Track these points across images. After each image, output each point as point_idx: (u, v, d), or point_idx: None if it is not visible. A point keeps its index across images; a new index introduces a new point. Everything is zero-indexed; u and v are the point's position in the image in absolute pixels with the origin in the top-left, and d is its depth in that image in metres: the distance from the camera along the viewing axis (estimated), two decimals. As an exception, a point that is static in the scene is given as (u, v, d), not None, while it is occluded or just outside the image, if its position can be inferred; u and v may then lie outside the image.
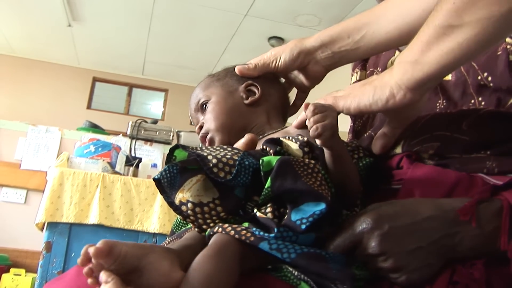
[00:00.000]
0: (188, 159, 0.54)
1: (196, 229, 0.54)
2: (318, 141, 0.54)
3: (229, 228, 0.48)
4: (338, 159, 0.55)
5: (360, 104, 0.57)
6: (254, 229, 0.48)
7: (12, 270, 2.70)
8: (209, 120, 0.74)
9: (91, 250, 0.42)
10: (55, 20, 4.57)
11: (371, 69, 0.85)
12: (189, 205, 0.52)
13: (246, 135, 0.65)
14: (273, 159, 0.51)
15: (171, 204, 0.54)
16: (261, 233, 0.47)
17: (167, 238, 0.70)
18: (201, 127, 0.76)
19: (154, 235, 2.23)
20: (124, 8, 4.24)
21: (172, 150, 0.56)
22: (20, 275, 2.65)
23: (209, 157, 0.52)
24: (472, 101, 0.63)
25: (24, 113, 4.84)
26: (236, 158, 0.52)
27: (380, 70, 0.82)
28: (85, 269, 0.43)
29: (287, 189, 0.49)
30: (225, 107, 0.74)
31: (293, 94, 0.84)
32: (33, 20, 4.64)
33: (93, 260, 0.42)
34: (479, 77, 0.63)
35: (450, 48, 0.50)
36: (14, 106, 5.39)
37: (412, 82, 0.53)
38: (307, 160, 0.54)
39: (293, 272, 0.48)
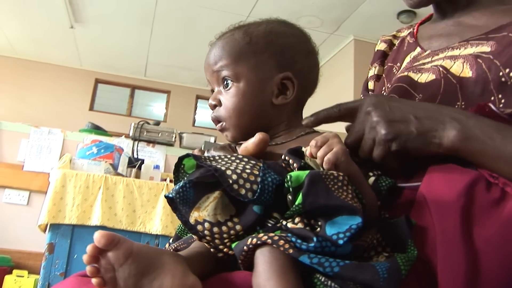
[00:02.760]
0: (204, 174, 0.50)
1: (212, 249, 0.50)
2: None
3: (265, 237, 0.46)
4: (355, 183, 0.53)
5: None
6: (289, 234, 0.46)
7: (15, 271, 2.69)
8: (229, 111, 0.66)
9: (95, 237, 0.39)
10: (57, 22, 4.59)
11: (389, 64, 0.84)
12: (206, 224, 0.48)
13: (257, 134, 0.58)
14: (302, 174, 0.49)
15: (185, 223, 0.50)
16: (299, 241, 0.45)
17: (171, 243, 0.66)
18: (214, 106, 0.68)
19: (157, 236, 2.23)
20: (126, 10, 4.25)
21: (181, 159, 0.53)
22: (22, 276, 2.65)
23: (228, 172, 0.48)
24: (492, 98, 0.63)
25: (26, 115, 4.85)
26: (256, 172, 0.50)
27: (398, 65, 0.80)
28: (90, 268, 0.40)
29: (320, 205, 0.47)
30: (250, 103, 0.65)
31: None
32: (35, 22, 4.66)
33: (105, 255, 0.39)
34: (501, 73, 0.62)
35: None
36: (17, 107, 5.40)
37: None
38: (335, 172, 0.51)
39: (320, 277, 0.46)
